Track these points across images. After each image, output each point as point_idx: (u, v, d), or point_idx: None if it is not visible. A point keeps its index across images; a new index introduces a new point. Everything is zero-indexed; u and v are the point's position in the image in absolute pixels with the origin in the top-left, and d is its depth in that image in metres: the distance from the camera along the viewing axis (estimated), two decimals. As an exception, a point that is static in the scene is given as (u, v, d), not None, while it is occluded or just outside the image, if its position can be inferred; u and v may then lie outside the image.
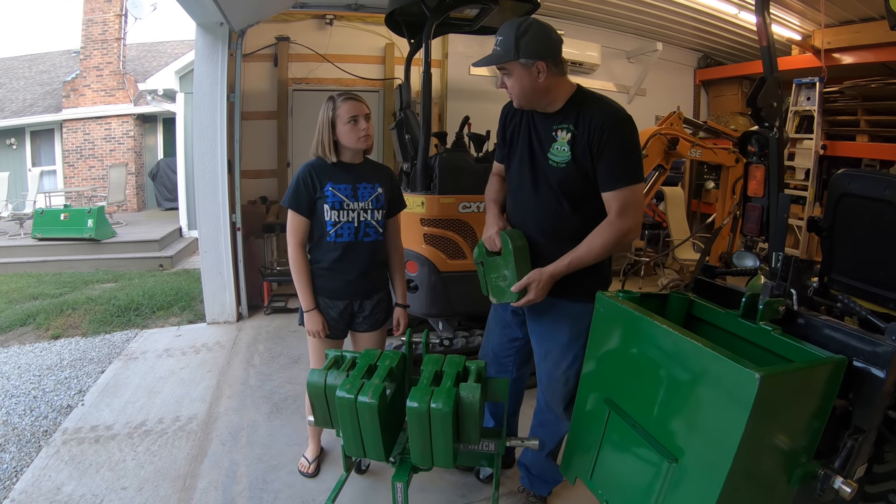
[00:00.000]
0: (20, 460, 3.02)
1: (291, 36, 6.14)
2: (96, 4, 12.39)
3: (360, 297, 2.61)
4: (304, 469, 2.86)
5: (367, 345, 2.66)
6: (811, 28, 6.33)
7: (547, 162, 2.15)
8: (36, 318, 5.35)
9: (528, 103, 2.16)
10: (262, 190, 6.19)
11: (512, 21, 2.04)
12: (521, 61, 2.02)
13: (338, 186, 2.47)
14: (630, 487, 1.79)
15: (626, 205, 2.05)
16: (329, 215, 2.46)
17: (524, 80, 2.07)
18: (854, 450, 1.54)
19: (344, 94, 2.46)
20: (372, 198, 2.52)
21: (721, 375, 1.45)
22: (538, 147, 2.19)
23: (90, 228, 8.23)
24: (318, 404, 2.12)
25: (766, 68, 2.16)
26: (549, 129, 2.15)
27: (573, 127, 2.09)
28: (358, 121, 2.42)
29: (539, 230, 2.23)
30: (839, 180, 2.23)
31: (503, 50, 2.03)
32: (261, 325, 5.16)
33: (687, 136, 5.25)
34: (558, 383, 2.31)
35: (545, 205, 2.20)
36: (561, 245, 2.14)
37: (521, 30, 2.00)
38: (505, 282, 2.25)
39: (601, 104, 2.11)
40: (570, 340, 2.24)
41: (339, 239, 2.49)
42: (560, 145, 2.12)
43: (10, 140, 13.03)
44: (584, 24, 7.12)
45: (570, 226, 2.16)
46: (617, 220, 2.06)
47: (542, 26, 2.04)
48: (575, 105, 2.12)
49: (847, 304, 1.89)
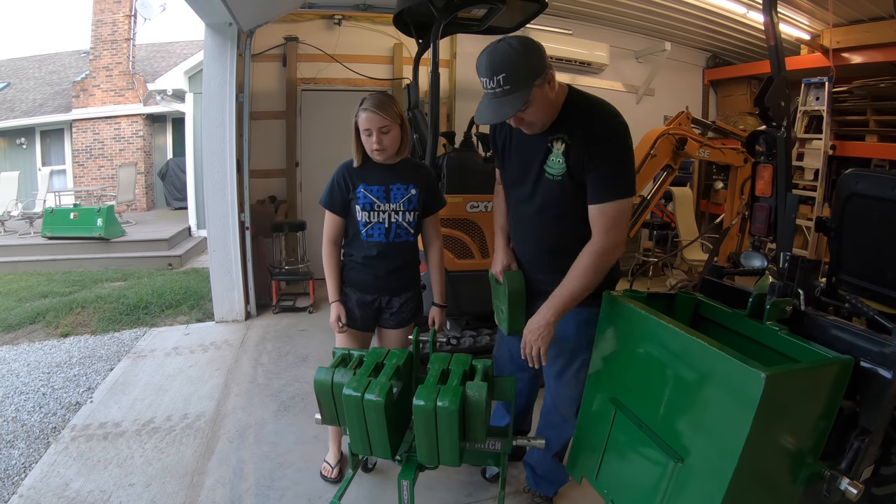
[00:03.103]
0: (29, 456, 3.04)
1: (300, 36, 6.16)
2: (106, 5, 12.47)
3: (389, 294, 2.61)
4: (327, 473, 2.81)
5: (391, 341, 2.66)
6: (820, 27, 6.30)
7: (544, 175, 2.05)
8: (45, 316, 5.40)
9: (549, 121, 2.00)
10: (271, 189, 6.22)
11: (494, 51, 1.83)
12: (538, 82, 1.85)
13: (370, 188, 2.46)
14: (636, 487, 1.79)
15: (614, 220, 1.95)
16: (361, 216, 2.47)
17: (545, 101, 1.92)
18: (860, 451, 1.54)
19: (368, 102, 2.37)
20: (404, 199, 2.49)
21: (727, 375, 1.45)
22: (534, 160, 2.08)
23: (100, 227, 8.27)
24: (325, 402, 2.13)
25: (774, 68, 2.15)
26: (545, 139, 2.03)
27: (567, 137, 1.98)
28: (371, 134, 2.36)
29: (540, 244, 2.20)
30: (847, 180, 2.21)
31: (517, 84, 1.82)
32: (269, 324, 5.17)
33: (695, 137, 5.22)
34: (566, 387, 2.28)
35: (545, 219, 2.13)
36: (563, 259, 2.06)
37: (519, 52, 1.82)
38: (502, 314, 2.33)
39: (593, 110, 1.99)
40: (578, 346, 2.18)
41: (371, 238, 2.50)
42: (556, 157, 2.01)
43: (20, 140, 13.15)
44: (593, 23, 7.11)
45: (571, 239, 2.06)
46: (603, 238, 1.96)
47: (523, 39, 1.88)
48: (568, 112, 2.00)
49: (854, 304, 1.89)
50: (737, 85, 8.18)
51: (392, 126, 2.38)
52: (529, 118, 1.95)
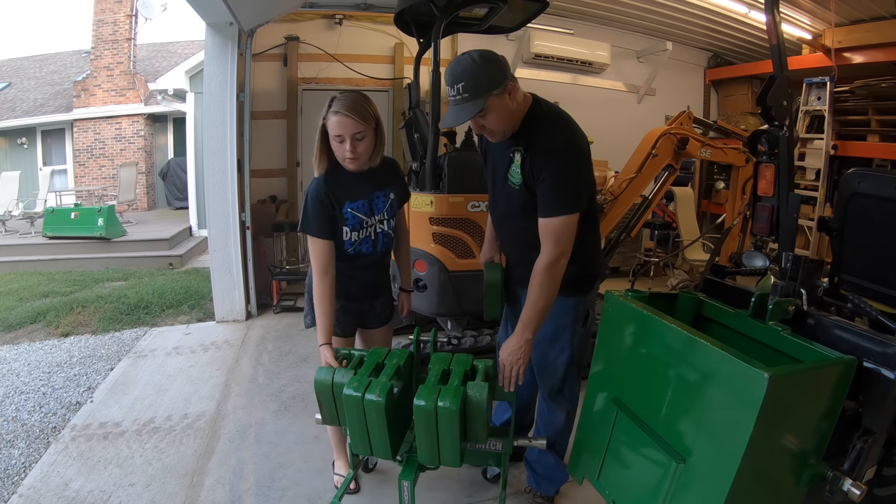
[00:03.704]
0: (29, 456, 3.04)
1: (301, 36, 6.15)
2: (107, 5, 12.47)
3: (371, 298, 2.57)
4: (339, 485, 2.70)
5: (376, 340, 2.63)
6: (822, 27, 6.29)
7: (507, 183, 2.18)
8: (46, 315, 5.40)
9: (510, 130, 2.10)
10: (272, 189, 6.22)
11: (457, 63, 1.96)
12: (495, 92, 1.95)
13: (355, 205, 2.30)
14: (637, 488, 1.79)
15: (560, 233, 2.01)
16: (349, 236, 2.33)
17: (502, 110, 2.02)
18: (863, 452, 1.53)
19: (339, 103, 2.17)
20: (386, 207, 2.41)
21: (730, 375, 1.45)
22: (501, 168, 2.22)
23: (100, 227, 8.27)
24: (325, 402, 2.12)
25: (776, 67, 2.14)
26: (508, 150, 2.16)
27: (523, 150, 2.09)
28: (344, 141, 2.16)
29: (513, 242, 2.37)
30: (849, 180, 2.21)
31: (474, 92, 1.94)
32: (269, 324, 5.17)
33: (697, 136, 5.20)
34: (547, 373, 2.38)
35: (512, 222, 2.29)
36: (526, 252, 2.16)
37: (479, 63, 1.93)
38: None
39: (549, 124, 2.08)
40: (556, 331, 2.29)
41: (359, 251, 2.40)
42: (516, 167, 2.12)
43: (21, 139, 13.14)
44: (594, 23, 7.11)
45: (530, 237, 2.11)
46: (552, 249, 2.02)
47: (485, 52, 1.97)
48: (527, 124, 2.10)
49: (857, 304, 1.88)
50: (738, 85, 8.18)
51: (367, 131, 2.18)
52: (490, 125, 2.06)
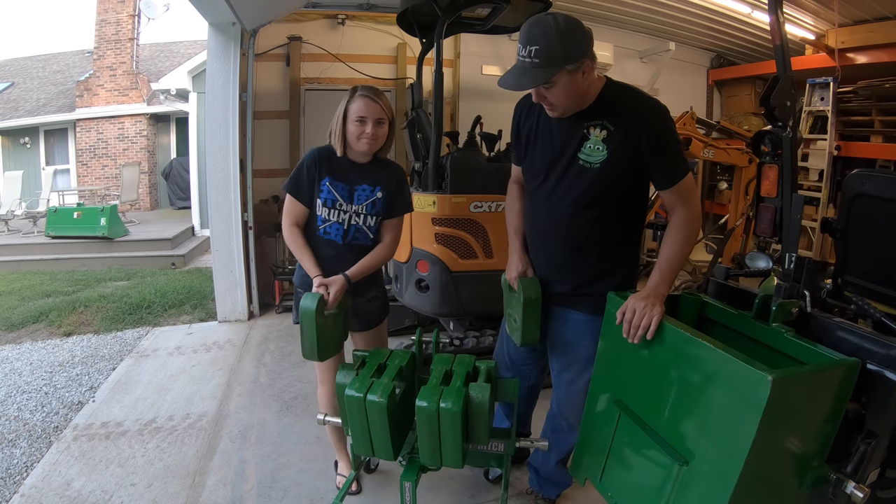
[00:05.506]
0: (31, 455, 3.04)
1: (303, 36, 6.14)
2: (110, 5, 12.50)
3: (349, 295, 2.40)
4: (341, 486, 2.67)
5: (361, 344, 2.55)
6: (825, 27, 6.27)
7: (577, 163, 1.98)
8: (48, 315, 5.41)
9: (572, 109, 1.95)
10: (274, 189, 6.20)
11: (538, 22, 1.79)
12: (569, 67, 1.80)
13: (336, 183, 2.33)
14: (640, 490, 1.78)
15: (689, 193, 1.97)
16: (321, 211, 2.34)
17: (571, 87, 1.86)
18: (867, 454, 1.52)
19: (365, 90, 2.29)
20: (368, 202, 2.35)
21: (733, 377, 1.44)
22: (566, 147, 2.01)
23: (103, 227, 8.29)
24: (307, 331, 2.11)
25: (780, 67, 2.13)
26: (580, 126, 1.97)
27: (608, 123, 1.93)
28: (365, 122, 2.25)
29: (559, 238, 2.11)
30: (853, 181, 2.20)
31: (546, 60, 1.77)
32: (272, 324, 5.17)
33: (700, 137, 5.21)
34: (577, 395, 2.20)
35: (569, 210, 2.04)
36: (581, 253, 2.05)
37: (561, 31, 1.76)
38: (515, 324, 2.23)
39: (639, 98, 1.97)
40: (593, 355, 2.08)
41: (327, 237, 2.36)
42: (594, 143, 1.94)
43: (24, 139, 13.18)
44: (597, 23, 7.08)
45: (594, 231, 2.04)
46: (686, 210, 1.96)
47: (572, 20, 1.81)
48: (607, 99, 1.95)
49: (861, 306, 1.87)
50: (741, 85, 8.16)
51: (386, 118, 2.30)
52: (552, 99, 1.90)
